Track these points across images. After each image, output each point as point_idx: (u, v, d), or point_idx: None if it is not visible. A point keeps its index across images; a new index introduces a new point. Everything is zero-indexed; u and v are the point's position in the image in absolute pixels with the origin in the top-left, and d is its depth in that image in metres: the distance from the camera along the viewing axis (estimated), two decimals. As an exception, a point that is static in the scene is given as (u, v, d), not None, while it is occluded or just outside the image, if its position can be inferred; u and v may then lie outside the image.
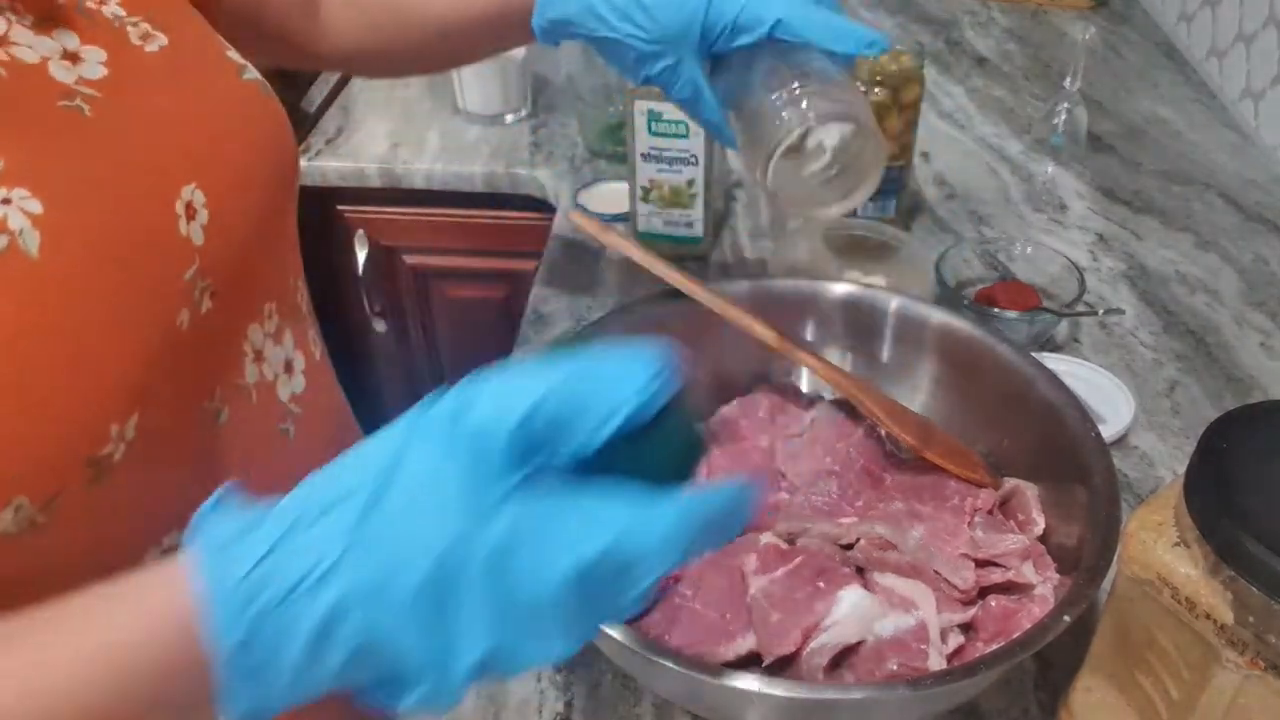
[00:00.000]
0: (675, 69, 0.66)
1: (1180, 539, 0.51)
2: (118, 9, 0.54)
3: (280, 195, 0.60)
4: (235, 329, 0.56)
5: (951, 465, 0.68)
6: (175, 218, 0.51)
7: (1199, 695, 0.51)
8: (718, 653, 0.60)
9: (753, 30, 0.64)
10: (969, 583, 0.62)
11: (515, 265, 1.29)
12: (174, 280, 0.50)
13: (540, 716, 0.64)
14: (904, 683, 0.53)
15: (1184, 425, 0.84)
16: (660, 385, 0.37)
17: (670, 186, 0.96)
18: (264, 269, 0.59)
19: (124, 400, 0.47)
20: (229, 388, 0.56)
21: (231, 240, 0.54)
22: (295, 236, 0.65)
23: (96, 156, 0.48)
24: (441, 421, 0.36)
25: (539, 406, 0.35)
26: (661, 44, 0.65)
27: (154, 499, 0.52)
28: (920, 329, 0.76)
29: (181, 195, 0.51)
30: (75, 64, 0.50)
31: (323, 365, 0.67)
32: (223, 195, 0.54)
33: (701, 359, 0.78)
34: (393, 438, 0.37)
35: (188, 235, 0.51)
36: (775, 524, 0.69)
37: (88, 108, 0.49)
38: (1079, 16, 1.50)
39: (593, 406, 0.36)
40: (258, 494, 0.57)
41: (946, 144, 1.21)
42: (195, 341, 0.52)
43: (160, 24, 0.55)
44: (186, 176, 0.52)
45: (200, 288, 0.52)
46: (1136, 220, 1.08)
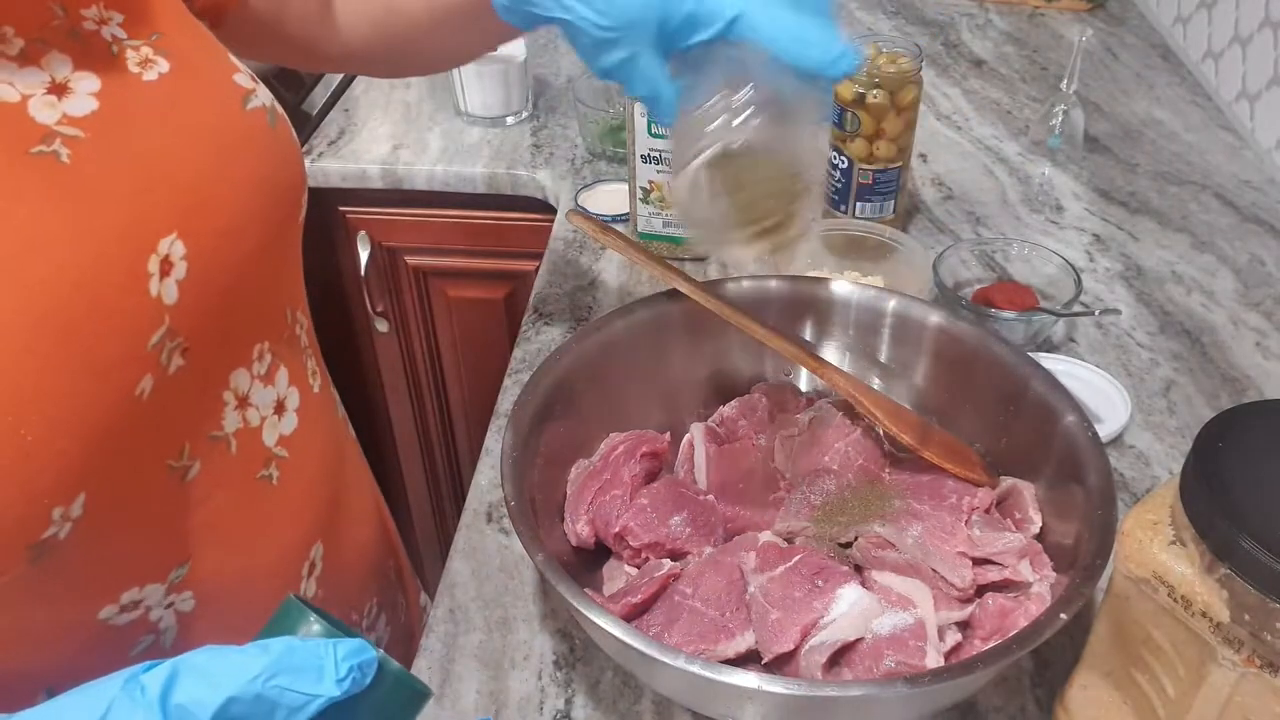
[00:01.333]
0: (632, 62, 0.59)
1: (1176, 537, 0.51)
2: (119, 30, 0.51)
3: (284, 229, 0.58)
4: (214, 380, 0.54)
5: (949, 464, 0.69)
6: (146, 277, 0.47)
7: (1195, 693, 0.51)
8: (717, 650, 0.60)
9: (710, 25, 0.57)
10: (966, 581, 0.62)
11: (516, 266, 1.29)
12: (136, 348, 0.47)
13: (541, 714, 0.64)
14: (902, 680, 0.53)
15: (1180, 425, 0.85)
16: (358, 676, 0.38)
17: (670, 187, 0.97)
18: (256, 310, 0.56)
19: (68, 483, 0.45)
20: (201, 441, 0.53)
21: (216, 289, 0.52)
22: (299, 266, 0.63)
23: (64, 212, 0.45)
24: (149, 698, 0.36)
25: (241, 694, 0.36)
26: (617, 31, 0.59)
27: (108, 565, 0.50)
28: (918, 329, 0.76)
29: (158, 249, 0.48)
30: (62, 97, 0.47)
31: (321, 398, 0.65)
32: (210, 242, 0.51)
33: (701, 359, 0.78)
34: (97, 701, 0.36)
35: (158, 295, 0.48)
36: (774, 523, 0.69)
37: (66, 152, 0.46)
38: (1076, 19, 1.50)
39: (285, 702, 0.37)
40: (225, 551, 0.56)
41: (944, 145, 1.22)
42: (159, 406, 0.49)
43: (164, 47, 0.52)
44: (168, 226, 0.49)
45: (169, 349, 0.49)
46: (1133, 221, 1.09)
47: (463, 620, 0.70)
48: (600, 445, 0.72)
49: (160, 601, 0.54)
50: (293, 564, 0.62)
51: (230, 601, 0.57)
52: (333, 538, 0.66)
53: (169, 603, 0.54)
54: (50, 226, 0.44)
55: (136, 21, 0.52)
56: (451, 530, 0.77)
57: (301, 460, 0.61)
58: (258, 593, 0.58)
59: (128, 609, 0.52)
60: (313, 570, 0.64)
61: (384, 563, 0.77)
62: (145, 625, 0.54)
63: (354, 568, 0.71)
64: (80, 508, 0.46)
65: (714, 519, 0.69)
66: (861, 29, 1.46)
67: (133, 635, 0.54)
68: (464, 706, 0.64)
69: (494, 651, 0.68)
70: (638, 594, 0.63)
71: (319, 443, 0.64)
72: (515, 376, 0.89)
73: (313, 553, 0.64)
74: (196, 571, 0.55)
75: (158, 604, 0.54)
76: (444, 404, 1.47)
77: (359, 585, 0.72)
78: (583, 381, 0.72)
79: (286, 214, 0.58)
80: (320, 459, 0.64)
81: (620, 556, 0.68)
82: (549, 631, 0.69)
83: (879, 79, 0.96)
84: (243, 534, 0.57)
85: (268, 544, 0.60)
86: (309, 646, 0.38)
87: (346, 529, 0.69)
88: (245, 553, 0.58)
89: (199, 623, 0.56)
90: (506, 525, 0.76)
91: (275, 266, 0.58)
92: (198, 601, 0.56)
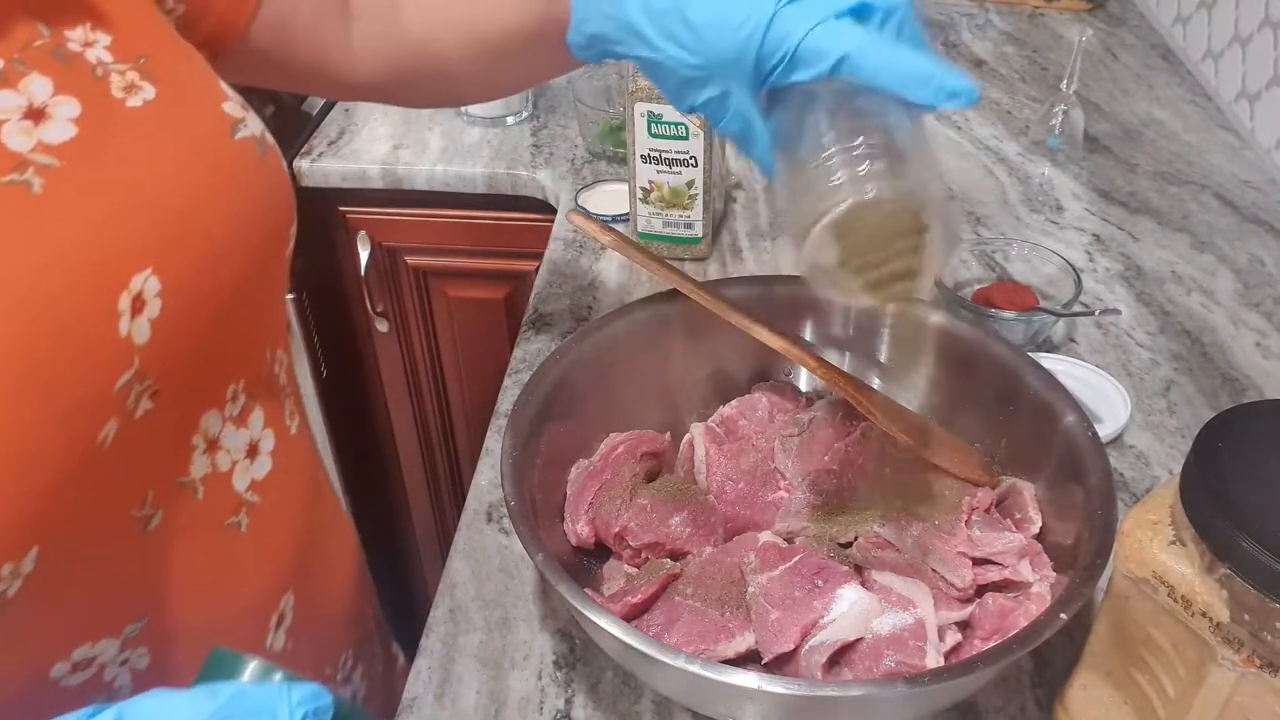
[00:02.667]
0: (723, 100, 0.56)
1: (1176, 537, 0.51)
2: (104, 54, 0.48)
3: (269, 264, 0.55)
4: (183, 422, 0.51)
5: (949, 464, 0.69)
6: (116, 315, 0.44)
7: (1195, 693, 0.51)
8: (717, 650, 0.60)
9: (813, 65, 0.53)
10: (966, 581, 0.62)
11: (516, 266, 1.29)
12: (101, 391, 0.44)
13: (541, 714, 0.64)
14: (902, 680, 0.53)
15: (1180, 425, 0.85)
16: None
17: (670, 188, 0.97)
18: (234, 350, 0.54)
19: (21, 538, 0.42)
20: (167, 488, 0.50)
21: (192, 328, 0.49)
22: (283, 303, 0.60)
23: (31, 245, 0.43)
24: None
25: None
26: (709, 69, 0.56)
27: (60, 621, 0.47)
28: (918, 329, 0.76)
29: (130, 286, 0.45)
30: (39, 123, 0.44)
31: (298, 440, 0.61)
32: (188, 277, 0.48)
33: (701, 359, 0.78)
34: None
35: (128, 335, 0.45)
36: (774, 523, 0.69)
37: (39, 181, 0.43)
38: (1076, 19, 1.50)
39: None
40: (186, 604, 0.53)
41: (944, 145, 1.22)
42: (123, 453, 0.46)
43: (151, 72, 0.50)
44: (142, 261, 0.46)
45: (136, 392, 0.46)
46: (1133, 221, 1.09)
47: (463, 620, 0.70)
48: (600, 445, 0.72)
49: (114, 659, 0.50)
50: (260, 616, 0.59)
51: (190, 658, 0.54)
52: (305, 587, 0.62)
53: (124, 659, 0.51)
54: (15, 260, 0.42)
55: (125, 44, 0.49)
56: (451, 530, 0.77)
57: (274, 506, 0.58)
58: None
59: (80, 667, 0.49)
60: (281, 621, 0.60)
61: (361, 611, 0.73)
62: (99, 685, 0.50)
63: (328, 618, 0.67)
64: (32, 563, 0.43)
65: (714, 519, 0.69)
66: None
67: (85, 696, 0.50)
68: (464, 706, 0.64)
69: (494, 651, 0.68)
70: (638, 594, 0.63)
71: (293, 487, 0.61)
72: (515, 376, 0.89)
73: (282, 603, 0.60)
74: (155, 625, 0.52)
75: (112, 661, 0.50)
76: (444, 404, 1.47)
77: (333, 636, 0.68)
78: (583, 381, 0.72)
79: (272, 248, 0.55)
80: (294, 504, 0.61)
81: (620, 556, 0.68)
82: (549, 631, 0.69)
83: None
84: (206, 585, 0.54)
85: (233, 595, 0.56)
86: (261, 691, 0.36)
87: (320, 577, 0.65)
88: (208, 605, 0.55)
89: (156, 682, 0.51)
90: (506, 525, 0.76)
91: (257, 303, 0.55)
92: (153, 659, 0.53)
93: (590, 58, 0.63)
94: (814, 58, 0.53)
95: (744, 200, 1.11)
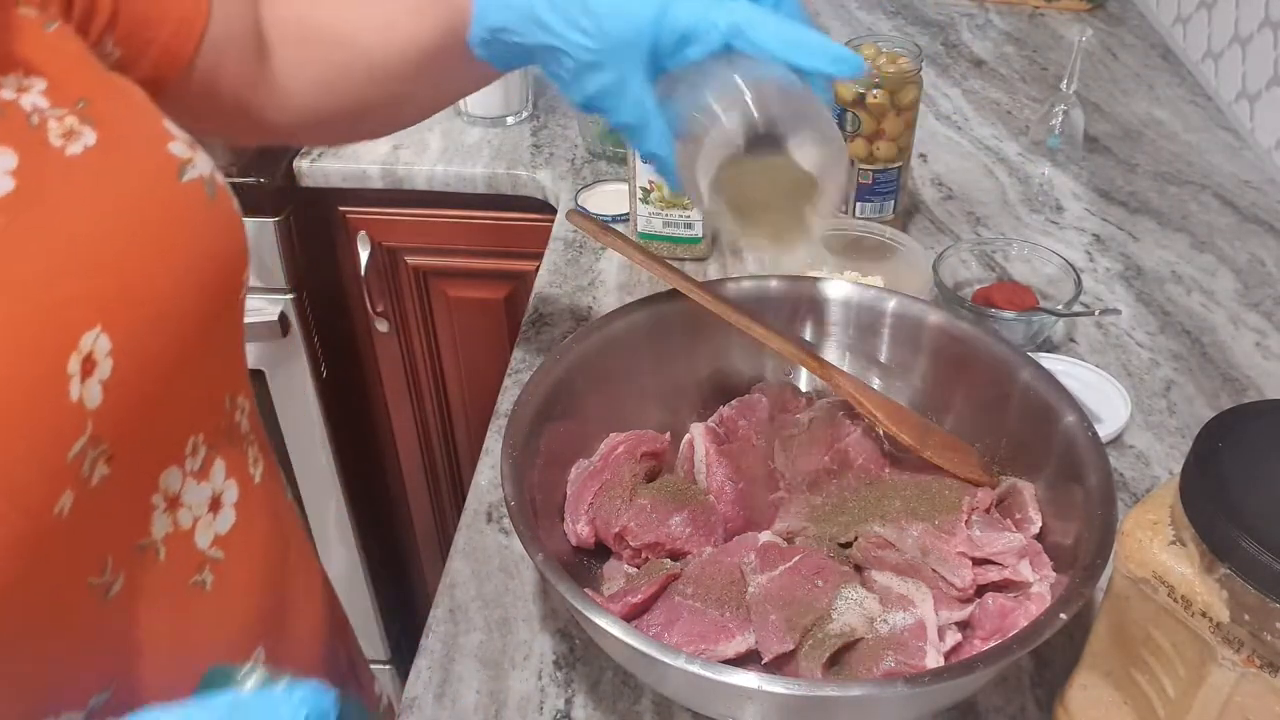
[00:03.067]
0: (620, 87, 0.58)
1: (1176, 537, 0.51)
2: (40, 99, 0.45)
3: (224, 311, 0.53)
4: (142, 483, 0.48)
5: (949, 464, 0.69)
6: (65, 380, 0.42)
7: (1195, 693, 0.51)
8: (717, 650, 0.60)
9: (705, 37, 0.56)
10: (966, 581, 0.62)
11: (516, 266, 1.29)
12: (54, 464, 0.42)
13: (541, 714, 0.64)
14: (902, 680, 0.53)
15: (1180, 425, 0.85)
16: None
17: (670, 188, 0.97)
18: (191, 402, 0.51)
19: None
20: (126, 552, 0.48)
21: (146, 385, 0.47)
22: (241, 348, 0.58)
23: None
24: None
25: None
26: (607, 55, 0.58)
27: (17, 701, 0.45)
28: (918, 329, 0.76)
29: (80, 347, 0.42)
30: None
31: (263, 489, 0.58)
32: (140, 331, 0.46)
33: (701, 359, 0.78)
34: None
35: (79, 399, 0.42)
36: (774, 523, 0.69)
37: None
38: (1076, 19, 1.50)
39: None
40: (153, 669, 0.50)
41: (944, 146, 1.22)
42: (80, 522, 0.44)
43: (91, 115, 0.47)
44: (91, 319, 0.43)
45: (91, 458, 0.43)
46: (1133, 221, 1.09)
47: (463, 620, 0.70)
48: (600, 445, 0.72)
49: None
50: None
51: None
52: (276, 638, 0.60)
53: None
54: None
55: (61, 87, 0.46)
56: (451, 530, 0.77)
57: (238, 560, 0.55)
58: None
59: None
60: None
61: (334, 653, 0.71)
62: None
63: (301, 664, 0.64)
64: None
65: (714, 519, 0.69)
66: (861, 29, 1.46)
67: None
68: (464, 706, 0.65)
69: (494, 651, 0.68)
70: (638, 594, 0.63)
71: (259, 537, 0.58)
72: (515, 376, 0.89)
73: (254, 658, 0.57)
74: (121, 694, 0.49)
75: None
76: (444, 404, 1.47)
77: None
78: (583, 381, 0.72)
79: (226, 294, 0.53)
80: (259, 555, 0.58)
81: (620, 556, 0.69)
82: (549, 631, 0.69)
83: (879, 79, 0.96)
84: (173, 648, 0.52)
85: (202, 655, 0.53)
86: (260, 698, 0.35)
87: (291, 625, 0.62)
88: (176, 668, 0.52)
89: None
90: (506, 525, 0.76)
91: (213, 353, 0.53)
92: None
93: (491, 57, 0.63)
94: (706, 30, 0.56)
95: (744, 200, 1.11)
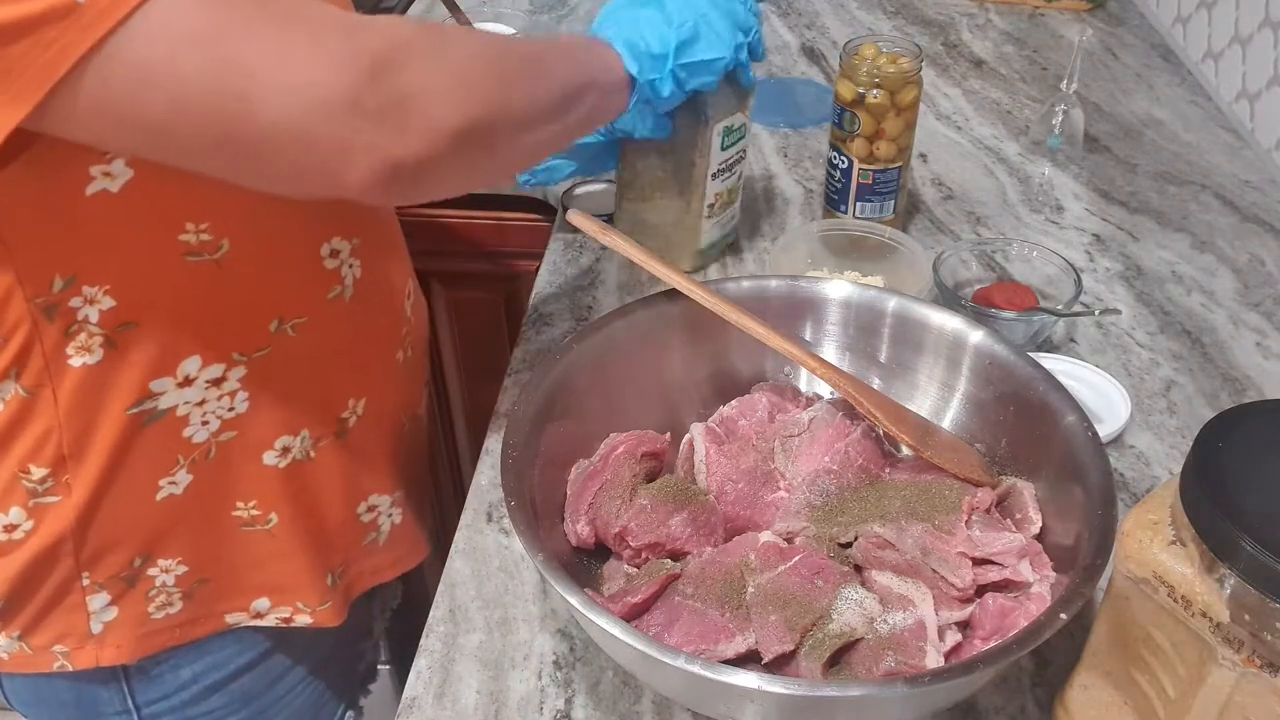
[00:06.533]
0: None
1: (1176, 538, 0.51)
2: None
3: None
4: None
5: (949, 464, 0.69)
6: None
7: (1195, 693, 0.51)
8: (717, 650, 0.60)
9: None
10: (966, 581, 0.62)
11: (516, 266, 1.29)
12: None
13: (541, 714, 0.64)
14: (902, 680, 0.53)
15: (1180, 425, 0.85)
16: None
17: (727, 189, 0.96)
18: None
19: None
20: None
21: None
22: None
23: None
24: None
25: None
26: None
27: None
28: (918, 329, 0.76)
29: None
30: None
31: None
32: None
33: (701, 359, 0.78)
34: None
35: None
36: (774, 523, 0.69)
37: None
38: (1076, 19, 1.50)
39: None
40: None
41: (944, 145, 1.22)
42: None
43: None
44: None
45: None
46: (1133, 221, 1.09)
47: (463, 620, 0.70)
48: (600, 445, 0.72)
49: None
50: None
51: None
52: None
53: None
54: None
55: None
56: (451, 530, 0.77)
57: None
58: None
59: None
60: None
61: None
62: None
63: None
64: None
65: (714, 519, 0.69)
66: (861, 29, 1.46)
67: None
68: (464, 706, 0.65)
69: (494, 651, 0.68)
70: (638, 594, 0.63)
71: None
72: (515, 376, 0.89)
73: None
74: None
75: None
76: (444, 404, 1.47)
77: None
78: (583, 381, 0.72)
79: None
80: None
81: (620, 556, 0.68)
82: (549, 631, 0.69)
83: (879, 79, 0.96)
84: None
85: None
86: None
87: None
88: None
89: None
90: (506, 525, 0.76)
91: None
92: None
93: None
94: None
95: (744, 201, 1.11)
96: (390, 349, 0.80)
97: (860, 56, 0.98)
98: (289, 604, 0.77)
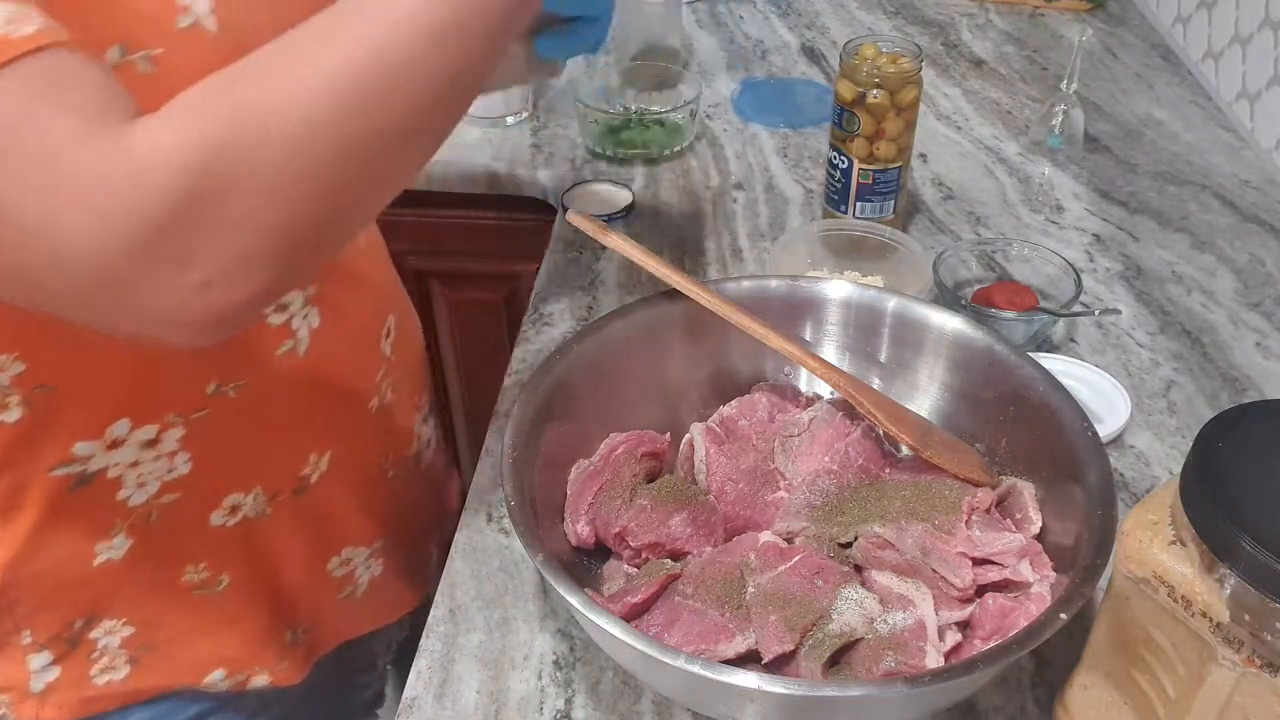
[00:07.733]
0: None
1: (1176, 537, 0.51)
2: None
3: None
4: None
5: (949, 464, 0.69)
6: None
7: (1195, 693, 0.51)
8: (717, 650, 0.60)
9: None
10: (966, 581, 0.62)
11: (516, 266, 1.29)
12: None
13: (541, 714, 0.64)
14: (902, 680, 0.53)
15: (1180, 425, 0.85)
16: None
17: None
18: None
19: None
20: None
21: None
22: None
23: None
24: None
25: None
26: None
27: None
28: (918, 329, 0.76)
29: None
30: None
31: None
32: None
33: (701, 359, 0.78)
34: None
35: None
36: (774, 523, 0.69)
37: None
38: (1076, 19, 1.50)
39: None
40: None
41: (944, 145, 1.22)
42: None
43: None
44: None
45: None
46: (1133, 221, 1.09)
47: (463, 620, 0.70)
48: (600, 445, 0.72)
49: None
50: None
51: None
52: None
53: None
54: None
55: None
56: (451, 530, 0.77)
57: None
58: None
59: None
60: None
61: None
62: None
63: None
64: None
65: (714, 519, 0.69)
66: (862, 29, 1.46)
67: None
68: (464, 706, 0.65)
69: (494, 651, 0.68)
70: (638, 594, 0.63)
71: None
72: (515, 377, 0.89)
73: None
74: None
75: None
76: (444, 404, 1.47)
77: None
78: (583, 381, 0.72)
79: None
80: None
81: (620, 556, 0.68)
82: (549, 631, 0.69)
83: (879, 79, 0.96)
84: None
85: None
86: None
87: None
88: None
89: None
90: (506, 525, 0.76)
91: None
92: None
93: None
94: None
95: (744, 200, 1.11)
96: (360, 399, 0.75)
97: (860, 56, 0.98)
98: (244, 670, 0.74)
